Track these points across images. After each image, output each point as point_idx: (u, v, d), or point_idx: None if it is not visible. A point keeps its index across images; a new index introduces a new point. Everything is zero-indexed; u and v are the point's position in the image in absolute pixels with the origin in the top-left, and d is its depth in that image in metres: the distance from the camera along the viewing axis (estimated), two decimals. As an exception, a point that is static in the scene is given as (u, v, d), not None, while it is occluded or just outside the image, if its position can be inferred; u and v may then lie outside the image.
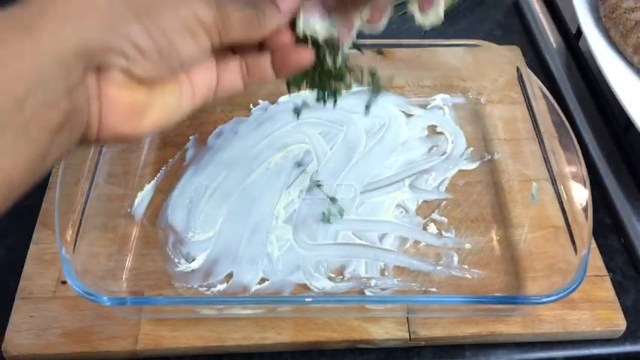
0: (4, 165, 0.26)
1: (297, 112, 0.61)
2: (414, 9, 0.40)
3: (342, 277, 0.56)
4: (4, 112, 0.25)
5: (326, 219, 0.59)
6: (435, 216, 0.61)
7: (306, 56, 0.38)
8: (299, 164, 0.65)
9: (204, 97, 0.37)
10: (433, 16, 0.40)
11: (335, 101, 0.44)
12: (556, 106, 0.59)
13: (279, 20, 0.36)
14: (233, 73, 0.38)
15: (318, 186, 0.62)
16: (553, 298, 0.48)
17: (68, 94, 0.28)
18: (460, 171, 0.65)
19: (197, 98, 0.37)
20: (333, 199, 0.61)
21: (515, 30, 0.84)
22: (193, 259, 0.57)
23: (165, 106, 0.35)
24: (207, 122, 0.69)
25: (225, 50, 0.37)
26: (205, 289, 0.55)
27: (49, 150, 0.28)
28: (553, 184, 0.58)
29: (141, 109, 0.33)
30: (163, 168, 0.64)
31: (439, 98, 0.72)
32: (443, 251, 0.59)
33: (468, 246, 0.59)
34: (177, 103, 0.36)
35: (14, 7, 0.28)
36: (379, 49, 0.60)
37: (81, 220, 0.52)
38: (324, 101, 0.44)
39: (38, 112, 0.27)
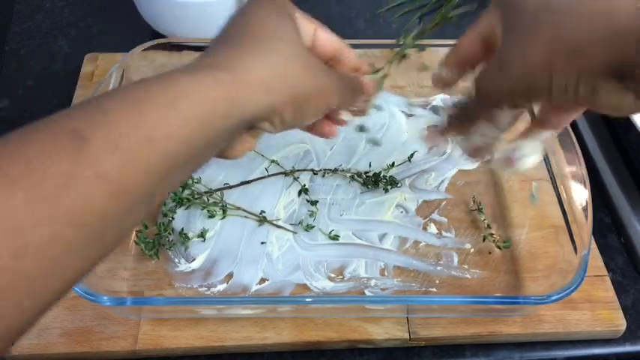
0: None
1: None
2: (498, 166, 0.46)
3: (342, 277, 0.56)
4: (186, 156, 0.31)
5: (306, 227, 0.60)
6: (435, 216, 0.61)
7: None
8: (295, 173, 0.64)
9: None
10: (516, 170, 0.45)
11: None
12: (556, 106, 0.59)
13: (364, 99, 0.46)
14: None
15: (306, 192, 0.62)
16: (553, 298, 0.48)
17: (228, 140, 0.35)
18: (460, 171, 0.65)
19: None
20: (314, 203, 0.61)
21: (515, 30, 0.84)
22: (193, 259, 0.57)
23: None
24: (207, 122, 0.68)
25: None
26: (205, 289, 0.55)
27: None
28: (553, 184, 0.58)
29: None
30: (163, 168, 0.64)
31: (439, 98, 0.72)
32: (443, 251, 0.59)
33: (467, 246, 0.59)
34: None
35: (210, 64, 0.34)
36: None
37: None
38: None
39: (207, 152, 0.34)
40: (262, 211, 0.60)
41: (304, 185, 0.62)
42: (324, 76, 0.39)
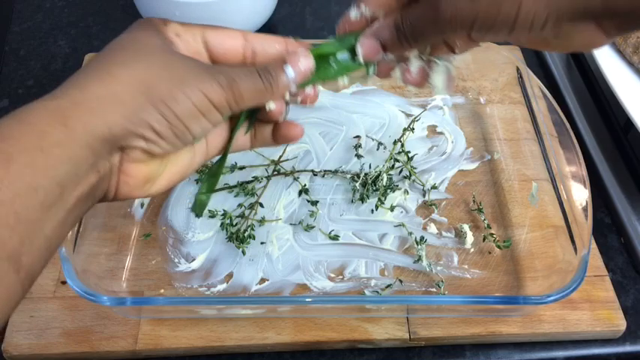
0: (49, 234, 0.31)
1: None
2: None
3: (342, 277, 0.56)
4: (50, 193, 0.31)
5: (306, 227, 0.60)
6: (435, 216, 0.61)
7: (297, 133, 0.43)
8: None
9: (217, 152, 0.43)
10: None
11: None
12: (556, 105, 0.59)
13: (288, 86, 0.39)
14: (243, 135, 0.43)
15: (306, 192, 0.62)
16: (553, 298, 0.48)
17: (96, 170, 0.34)
18: (460, 171, 0.65)
19: (210, 155, 0.42)
20: (314, 203, 0.61)
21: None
22: (193, 259, 0.57)
23: (177, 169, 0.40)
24: (207, 122, 0.68)
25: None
26: (205, 289, 0.55)
27: (73, 213, 0.33)
28: (553, 184, 0.58)
29: (153, 177, 0.38)
30: (163, 168, 0.64)
31: (439, 98, 0.72)
32: (443, 251, 0.59)
33: (468, 246, 0.59)
34: (189, 163, 0.40)
35: (47, 98, 0.33)
36: None
37: (81, 220, 0.52)
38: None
39: (73, 187, 0.32)
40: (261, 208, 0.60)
41: (304, 185, 0.62)
42: (202, 76, 0.36)
